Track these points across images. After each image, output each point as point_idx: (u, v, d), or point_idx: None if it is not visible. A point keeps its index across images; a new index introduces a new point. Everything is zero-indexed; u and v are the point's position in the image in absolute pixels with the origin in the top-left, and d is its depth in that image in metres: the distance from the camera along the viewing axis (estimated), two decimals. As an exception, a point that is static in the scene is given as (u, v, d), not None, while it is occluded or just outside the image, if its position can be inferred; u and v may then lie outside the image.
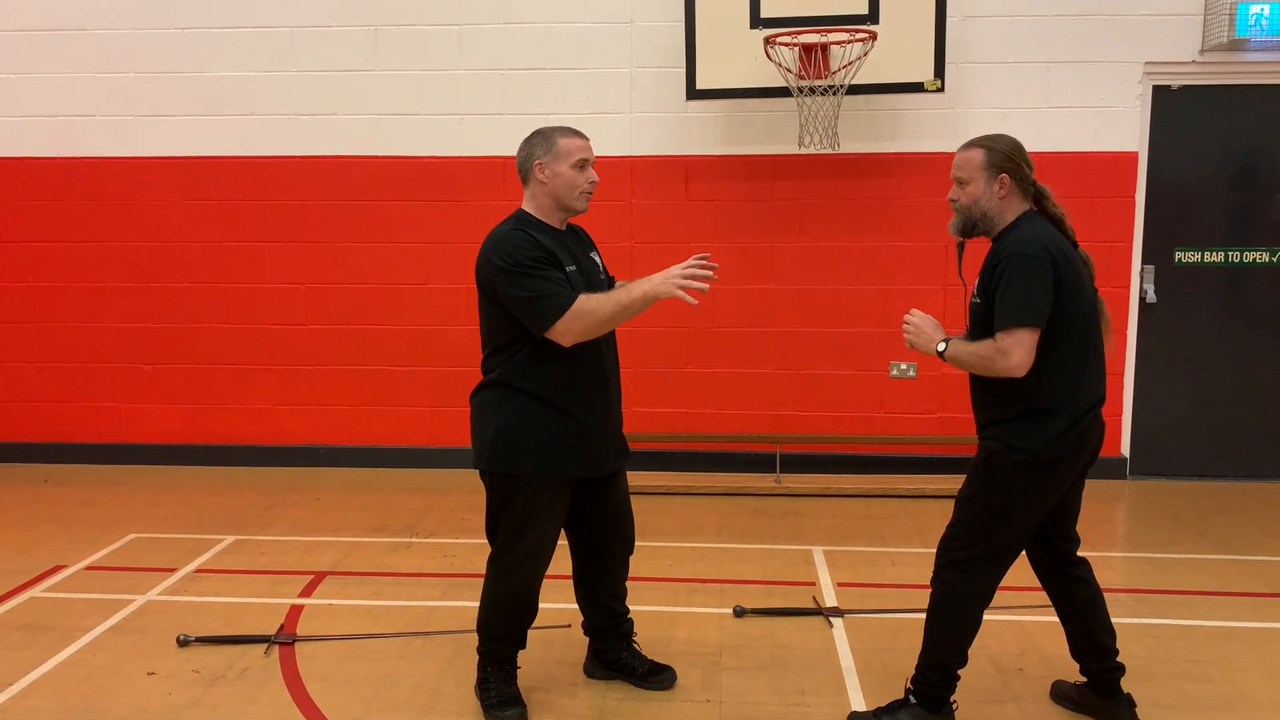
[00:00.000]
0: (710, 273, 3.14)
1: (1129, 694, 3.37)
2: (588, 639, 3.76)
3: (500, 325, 3.29)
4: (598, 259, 3.53)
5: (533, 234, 3.26)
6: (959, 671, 3.28)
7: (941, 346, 3.14)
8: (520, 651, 3.56)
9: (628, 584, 3.69)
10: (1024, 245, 3.02)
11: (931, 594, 3.25)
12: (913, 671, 3.33)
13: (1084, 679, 3.43)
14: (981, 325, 3.11)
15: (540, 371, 3.25)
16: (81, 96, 6.55)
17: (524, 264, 3.17)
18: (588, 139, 3.37)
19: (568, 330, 3.14)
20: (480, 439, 3.38)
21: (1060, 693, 3.56)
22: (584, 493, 3.44)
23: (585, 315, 3.13)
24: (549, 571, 4.83)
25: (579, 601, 3.70)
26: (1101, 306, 3.22)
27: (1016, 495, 3.09)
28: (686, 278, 3.11)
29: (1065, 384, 3.05)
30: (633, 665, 3.68)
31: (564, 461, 3.29)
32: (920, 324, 3.22)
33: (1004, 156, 3.12)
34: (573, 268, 3.28)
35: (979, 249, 3.24)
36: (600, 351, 3.34)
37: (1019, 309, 2.97)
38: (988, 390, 3.14)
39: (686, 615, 4.32)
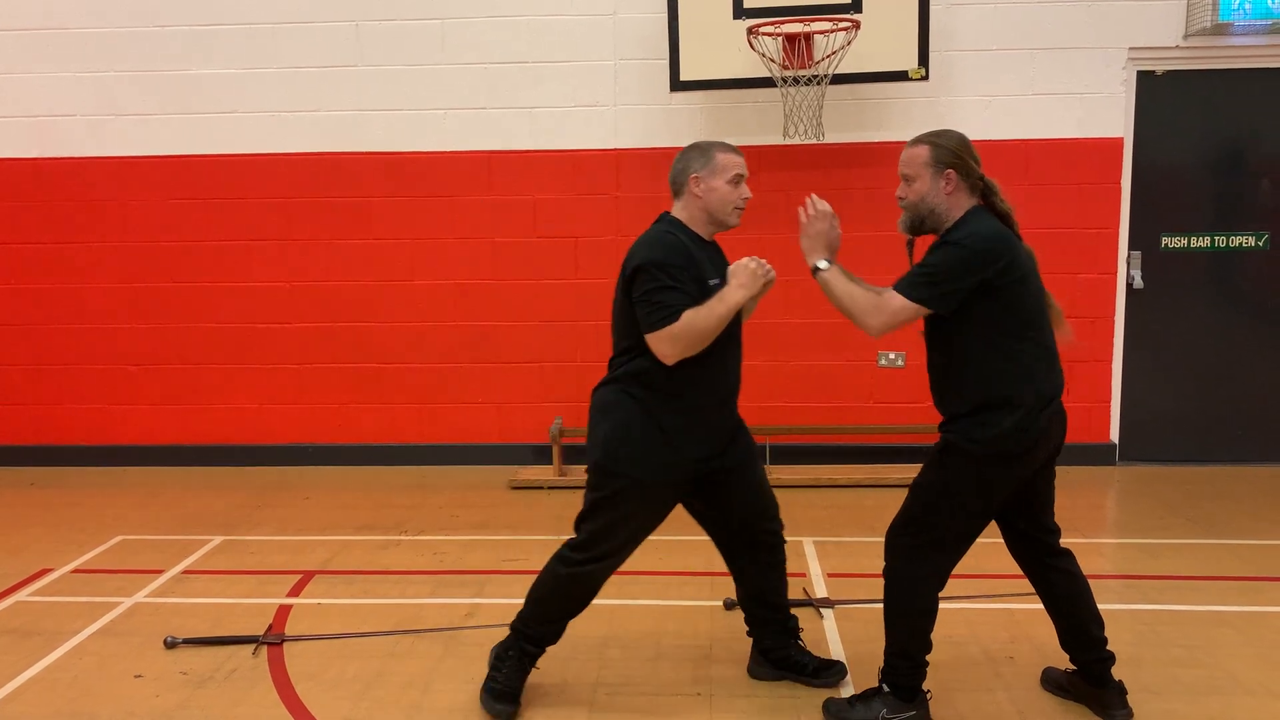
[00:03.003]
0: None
1: (1120, 681, 3.36)
2: (752, 639, 3.69)
3: (631, 324, 3.25)
4: None
5: (683, 239, 3.24)
6: (927, 658, 3.27)
7: (823, 264, 3.17)
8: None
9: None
10: (965, 237, 3.03)
11: (884, 583, 3.25)
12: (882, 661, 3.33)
13: (1074, 667, 3.43)
14: (933, 322, 3.13)
15: (663, 375, 3.21)
16: (62, 96, 6.50)
17: (667, 267, 3.14)
18: (743, 155, 3.33)
19: (660, 347, 3.13)
20: (595, 433, 3.37)
21: (1051, 680, 3.55)
22: (709, 491, 3.41)
23: (688, 331, 3.11)
24: (542, 566, 4.83)
25: (740, 601, 3.66)
26: (1050, 299, 3.21)
27: (966, 486, 3.10)
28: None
29: (1017, 377, 3.05)
30: (803, 662, 3.62)
31: (674, 466, 3.27)
32: (818, 221, 3.24)
33: (949, 152, 3.11)
34: (715, 280, 3.24)
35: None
36: (728, 358, 3.32)
37: (919, 281, 3.01)
38: (943, 385, 3.16)
39: (677, 608, 4.31)
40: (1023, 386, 3.04)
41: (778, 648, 3.63)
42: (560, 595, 3.42)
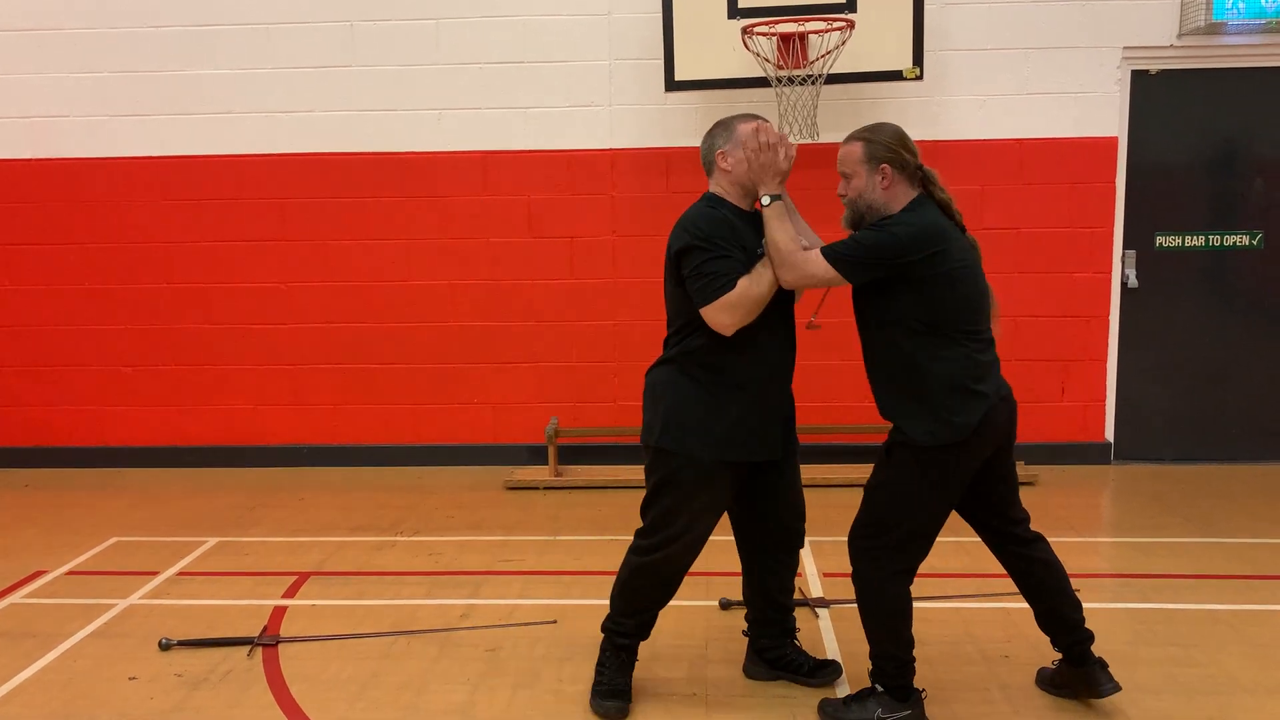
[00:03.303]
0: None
1: (1100, 657, 3.37)
2: (748, 638, 3.70)
3: (683, 303, 3.24)
4: None
5: (725, 213, 3.23)
6: (913, 655, 3.27)
7: (766, 200, 3.18)
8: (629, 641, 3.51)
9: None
10: (896, 224, 3.07)
11: (854, 588, 3.27)
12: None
13: (1058, 654, 3.44)
14: (868, 322, 3.18)
15: (718, 352, 3.19)
16: (56, 97, 6.48)
17: (712, 239, 3.13)
18: (767, 120, 3.31)
19: (719, 318, 3.11)
20: (651, 415, 3.33)
21: (1044, 679, 3.56)
22: (752, 480, 3.39)
23: (745, 299, 3.09)
24: (537, 567, 4.82)
25: (745, 593, 3.65)
26: (989, 292, 3.22)
27: (917, 482, 3.11)
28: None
29: (954, 369, 3.06)
30: (799, 662, 3.61)
31: (732, 446, 3.23)
32: (764, 151, 3.20)
33: (884, 147, 3.14)
34: (762, 249, 3.24)
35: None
36: (780, 336, 3.30)
37: (844, 252, 3.07)
38: (882, 381, 3.20)
39: (672, 608, 4.22)
40: (961, 379, 3.06)
41: (774, 647, 3.63)
42: (639, 586, 3.41)
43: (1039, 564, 3.33)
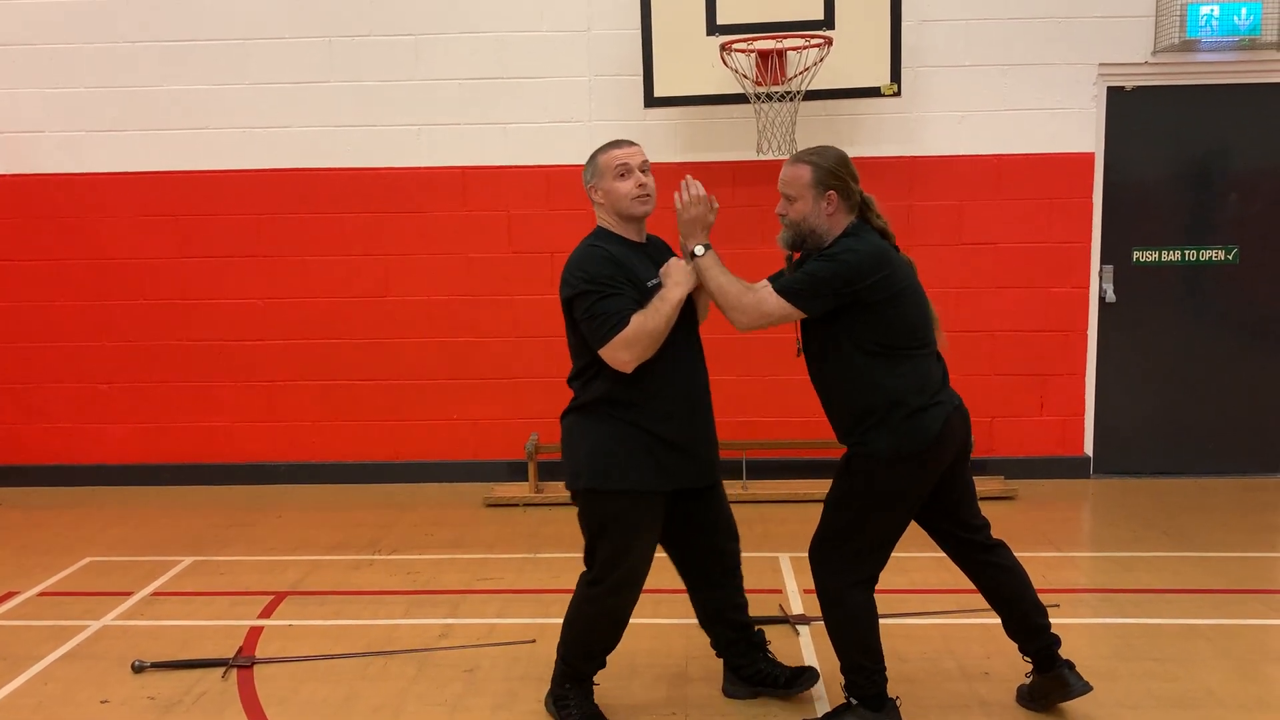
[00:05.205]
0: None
1: (1067, 659, 3.41)
2: (722, 659, 3.67)
3: (581, 347, 3.26)
4: None
5: (608, 249, 3.22)
6: (882, 664, 3.29)
7: (699, 250, 3.20)
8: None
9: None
10: (843, 251, 3.10)
11: (818, 600, 3.29)
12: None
13: (1029, 663, 3.46)
14: (815, 340, 3.22)
15: (627, 387, 3.19)
16: (30, 113, 6.43)
17: (596, 280, 3.14)
18: (631, 145, 3.31)
19: (617, 356, 3.11)
20: (573, 460, 3.32)
21: (1023, 695, 3.57)
22: (681, 507, 3.38)
23: (640, 335, 3.09)
24: (517, 585, 4.79)
25: (702, 623, 3.63)
26: (929, 306, 3.27)
27: (876, 492, 3.15)
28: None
29: (909, 384, 3.11)
30: (774, 674, 3.60)
31: (661, 475, 3.23)
32: (695, 205, 3.22)
33: (829, 174, 3.17)
34: (654, 281, 3.23)
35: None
36: (686, 361, 3.29)
37: (798, 287, 3.10)
38: (839, 404, 3.23)
39: (652, 626, 4.27)
40: (918, 392, 3.11)
41: (748, 664, 3.61)
42: (596, 630, 3.38)
43: (1002, 570, 3.38)
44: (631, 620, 4.26)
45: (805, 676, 3.60)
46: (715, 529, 3.46)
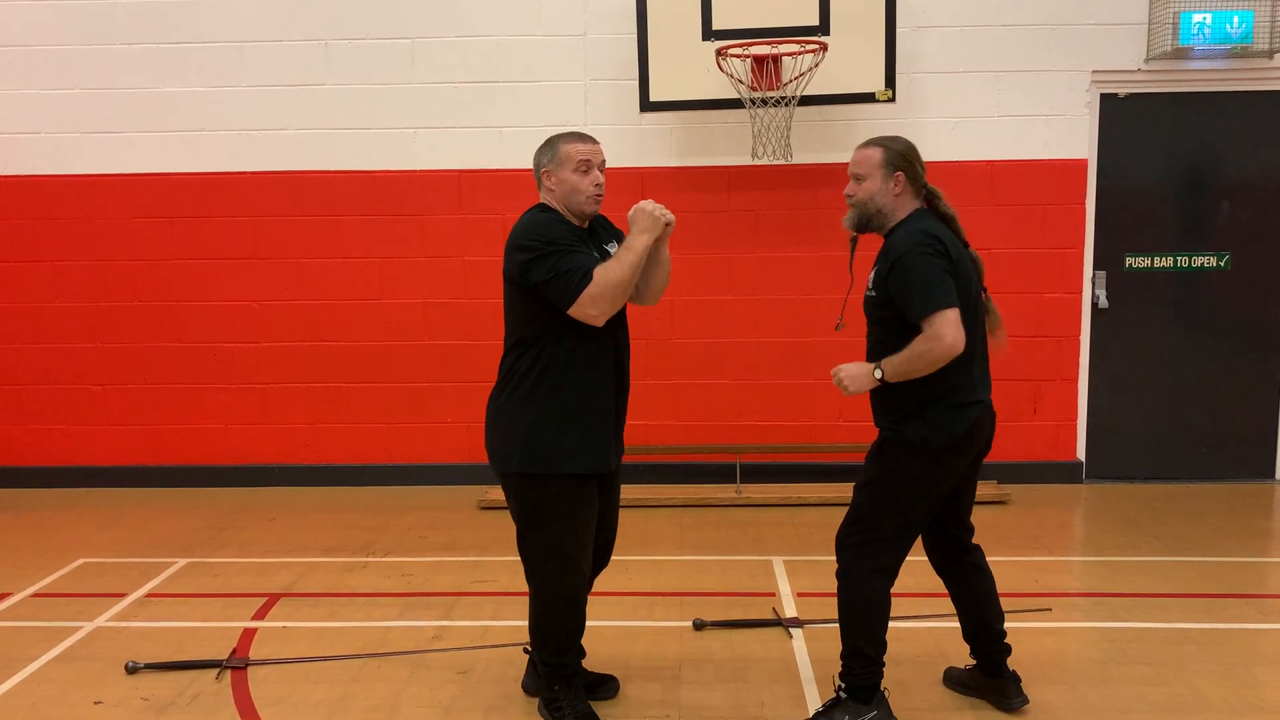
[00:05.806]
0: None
1: (1014, 671, 3.48)
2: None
3: (523, 317, 3.23)
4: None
5: (557, 216, 3.26)
6: (883, 658, 3.33)
7: (879, 374, 3.18)
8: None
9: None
10: (912, 237, 3.13)
11: (838, 584, 3.32)
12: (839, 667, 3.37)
13: (973, 661, 3.55)
14: (876, 319, 3.24)
15: (562, 367, 3.20)
16: (26, 114, 6.43)
17: (554, 241, 3.13)
18: (594, 142, 3.33)
19: (588, 312, 3.10)
20: (506, 441, 3.27)
21: (952, 678, 3.67)
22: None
23: (606, 287, 3.09)
24: (510, 587, 4.79)
25: None
26: (991, 306, 3.35)
27: (910, 481, 3.20)
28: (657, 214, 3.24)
29: (952, 380, 3.15)
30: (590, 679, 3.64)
31: (599, 457, 3.24)
32: (848, 371, 3.23)
33: (900, 155, 3.25)
34: (611, 244, 3.30)
35: (869, 246, 3.37)
36: (617, 347, 3.31)
37: (930, 294, 3.07)
38: (882, 388, 3.22)
39: (646, 629, 4.28)
40: (957, 385, 3.16)
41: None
42: (559, 626, 3.36)
43: (977, 571, 3.47)
44: (625, 623, 4.31)
45: (608, 686, 3.64)
46: (608, 522, 3.47)
